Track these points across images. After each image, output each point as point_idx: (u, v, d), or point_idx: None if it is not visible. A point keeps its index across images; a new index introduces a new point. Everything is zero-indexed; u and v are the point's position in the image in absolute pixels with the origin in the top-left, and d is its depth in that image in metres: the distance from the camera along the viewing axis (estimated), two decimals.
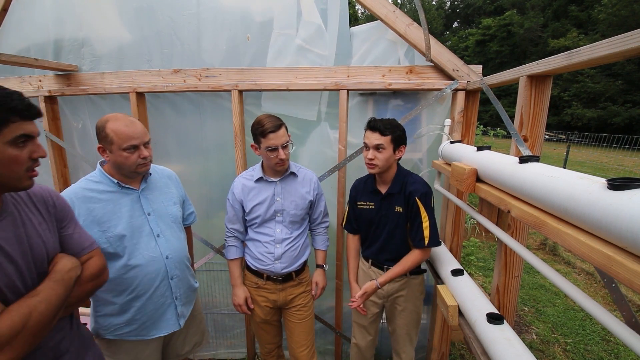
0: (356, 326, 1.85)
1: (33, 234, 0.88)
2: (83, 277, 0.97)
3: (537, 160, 0.99)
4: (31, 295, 0.81)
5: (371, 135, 1.50)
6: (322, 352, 2.42)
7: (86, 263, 1.01)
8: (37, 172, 0.85)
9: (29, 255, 0.86)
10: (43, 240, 0.91)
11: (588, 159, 9.58)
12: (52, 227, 0.96)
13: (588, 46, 0.92)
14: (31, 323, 0.77)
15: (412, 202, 1.52)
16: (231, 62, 2.07)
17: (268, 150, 1.48)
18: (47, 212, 0.96)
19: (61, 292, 0.87)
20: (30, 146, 0.81)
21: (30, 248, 0.86)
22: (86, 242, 1.04)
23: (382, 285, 1.60)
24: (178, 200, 1.48)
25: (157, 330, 1.37)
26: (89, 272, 0.99)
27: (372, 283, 1.59)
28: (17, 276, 0.82)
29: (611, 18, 20.28)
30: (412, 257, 1.57)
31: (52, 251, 0.93)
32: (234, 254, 1.69)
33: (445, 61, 1.81)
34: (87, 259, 1.02)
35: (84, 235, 1.05)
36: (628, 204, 0.59)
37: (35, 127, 0.83)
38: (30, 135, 0.81)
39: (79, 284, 0.96)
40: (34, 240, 0.88)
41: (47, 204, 0.97)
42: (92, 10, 2.10)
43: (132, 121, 1.25)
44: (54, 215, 0.97)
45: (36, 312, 0.79)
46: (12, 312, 0.75)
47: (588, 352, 2.61)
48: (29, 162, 0.81)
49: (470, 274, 3.25)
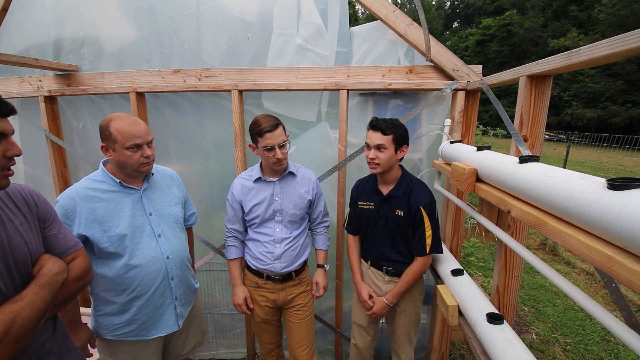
0: (355, 327, 1.85)
1: (14, 235, 0.86)
2: (69, 278, 0.96)
3: (537, 160, 0.99)
4: (15, 300, 0.80)
5: (373, 135, 1.50)
6: (322, 352, 2.42)
7: (71, 264, 1.00)
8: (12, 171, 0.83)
9: (9, 256, 0.83)
10: (25, 240, 0.88)
11: (588, 159, 9.58)
12: (35, 226, 0.94)
13: (588, 46, 0.92)
14: (15, 329, 0.75)
15: (416, 210, 1.52)
16: (231, 62, 2.07)
17: (265, 150, 1.48)
18: (28, 212, 0.93)
19: (47, 297, 0.85)
20: (3, 144, 0.79)
21: (10, 249, 0.84)
22: (71, 242, 1.03)
23: (392, 304, 1.63)
24: (180, 201, 1.49)
25: (156, 331, 1.37)
26: (74, 273, 0.98)
27: (381, 304, 1.63)
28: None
29: (611, 18, 20.27)
30: (414, 269, 1.58)
31: (35, 252, 0.91)
32: (233, 254, 1.70)
33: (445, 61, 1.81)
34: (72, 259, 1.01)
35: (68, 235, 1.04)
36: (628, 204, 0.59)
37: (8, 124, 0.81)
38: (3, 134, 0.79)
39: (65, 285, 0.94)
40: (15, 241, 0.86)
41: (29, 203, 0.94)
42: (92, 10, 2.10)
43: (135, 120, 1.26)
44: (36, 214, 0.95)
45: (20, 318, 0.77)
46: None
47: (588, 352, 2.61)
48: (3, 160, 0.79)
49: (470, 274, 3.24)
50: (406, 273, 1.59)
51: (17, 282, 0.85)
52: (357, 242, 1.79)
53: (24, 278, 0.87)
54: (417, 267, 1.57)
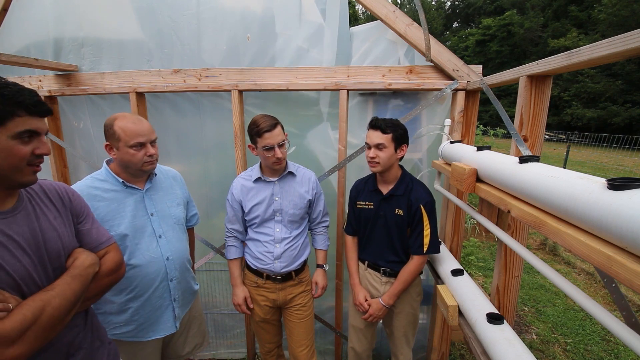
0: (352, 330, 1.82)
1: (48, 228, 0.89)
2: (100, 272, 0.97)
3: (537, 160, 0.99)
4: (46, 289, 0.81)
5: (373, 134, 1.51)
6: (322, 352, 2.42)
7: (104, 258, 1.01)
8: (40, 167, 0.85)
9: (42, 248, 0.86)
10: (58, 234, 0.91)
11: (588, 159, 9.58)
12: (68, 221, 0.96)
13: (588, 46, 0.92)
14: (44, 317, 0.77)
15: (416, 209, 1.53)
16: (231, 62, 2.07)
17: (265, 150, 1.48)
18: (62, 207, 0.96)
19: (77, 288, 0.87)
20: (35, 142, 0.81)
21: (44, 242, 0.86)
22: (103, 237, 1.05)
23: (389, 305, 1.61)
24: (182, 202, 1.49)
25: (154, 332, 1.37)
26: (106, 267, 1.00)
27: (377, 305, 1.61)
28: (33, 269, 0.82)
29: (611, 18, 20.28)
30: (410, 268, 1.57)
31: (68, 245, 0.93)
32: (233, 254, 1.70)
33: (445, 61, 1.81)
34: (104, 253, 1.03)
35: (101, 230, 1.06)
36: (628, 204, 0.59)
37: (43, 124, 0.83)
38: (36, 132, 0.81)
39: (96, 279, 0.96)
40: (49, 234, 0.88)
41: (63, 199, 0.98)
42: (92, 10, 2.10)
43: (139, 119, 1.26)
44: (70, 209, 0.98)
45: (50, 307, 0.78)
46: (25, 306, 0.75)
47: (588, 352, 2.61)
48: (31, 157, 0.81)
49: (470, 274, 3.24)
50: (402, 272, 1.58)
51: (51, 274, 0.87)
52: (356, 245, 1.78)
53: (57, 270, 0.89)
54: (414, 266, 1.57)
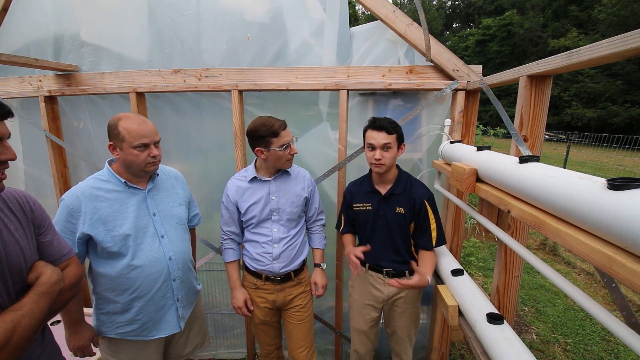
0: (355, 333, 1.81)
1: (9, 242, 0.84)
2: (63, 286, 0.94)
3: (537, 160, 0.99)
4: (15, 309, 0.78)
5: (377, 135, 1.49)
6: (322, 352, 2.42)
7: (65, 271, 0.98)
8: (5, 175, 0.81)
9: (4, 263, 0.81)
10: (20, 247, 0.86)
11: (588, 159, 9.58)
12: (30, 232, 0.91)
13: (588, 46, 0.92)
14: (15, 338, 0.74)
15: (420, 205, 1.54)
16: (231, 62, 2.07)
17: (283, 148, 1.48)
18: (24, 217, 0.90)
19: (45, 306, 0.84)
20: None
21: (6, 256, 0.82)
22: (65, 249, 1.01)
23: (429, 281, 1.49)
24: (184, 202, 1.49)
25: (157, 332, 1.37)
26: (68, 281, 0.96)
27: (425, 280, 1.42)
28: None
29: (611, 18, 20.28)
30: (431, 258, 1.56)
31: (30, 259, 0.89)
32: (231, 256, 1.69)
33: (445, 61, 1.81)
34: (65, 266, 1.00)
35: (62, 242, 1.02)
36: (628, 204, 0.59)
37: (3, 127, 0.79)
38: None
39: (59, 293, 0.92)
40: (11, 248, 0.83)
41: (24, 208, 0.92)
42: (92, 10, 2.10)
43: (143, 120, 1.26)
44: (32, 220, 0.93)
45: (20, 327, 0.76)
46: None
47: (588, 352, 2.61)
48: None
49: (470, 274, 3.24)
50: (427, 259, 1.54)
51: (11, 289, 0.83)
52: (352, 237, 1.77)
53: (18, 285, 0.85)
54: (432, 258, 1.56)
